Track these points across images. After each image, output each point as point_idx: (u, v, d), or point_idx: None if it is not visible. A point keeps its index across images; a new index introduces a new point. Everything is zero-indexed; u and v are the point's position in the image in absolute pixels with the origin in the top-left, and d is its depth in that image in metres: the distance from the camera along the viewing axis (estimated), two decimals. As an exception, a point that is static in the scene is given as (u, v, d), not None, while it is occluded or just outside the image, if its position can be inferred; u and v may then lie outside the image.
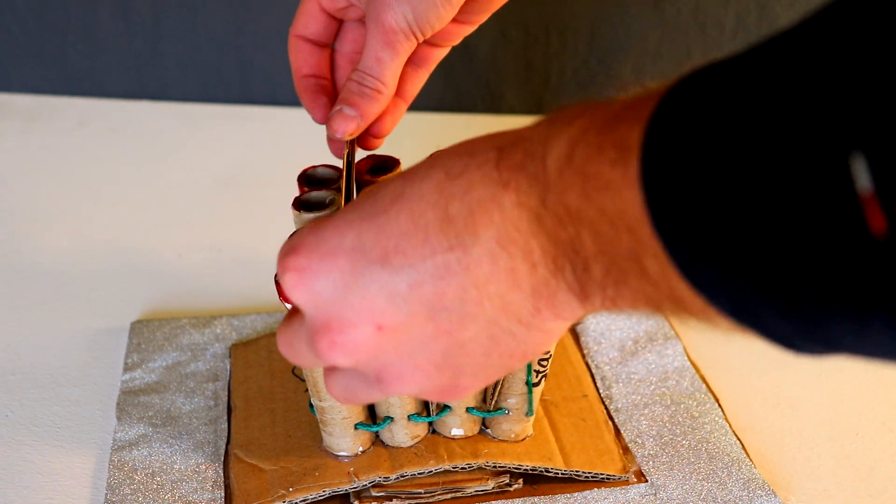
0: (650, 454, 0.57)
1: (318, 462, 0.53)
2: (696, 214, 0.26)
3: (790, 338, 0.26)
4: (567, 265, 0.31)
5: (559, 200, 0.30)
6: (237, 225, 0.79)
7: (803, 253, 0.24)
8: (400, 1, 0.48)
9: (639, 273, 0.29)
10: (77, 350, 0.65)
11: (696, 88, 0.27)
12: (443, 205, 0.32)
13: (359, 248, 0.33)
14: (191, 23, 0.94)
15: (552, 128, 0.31)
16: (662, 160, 0.27)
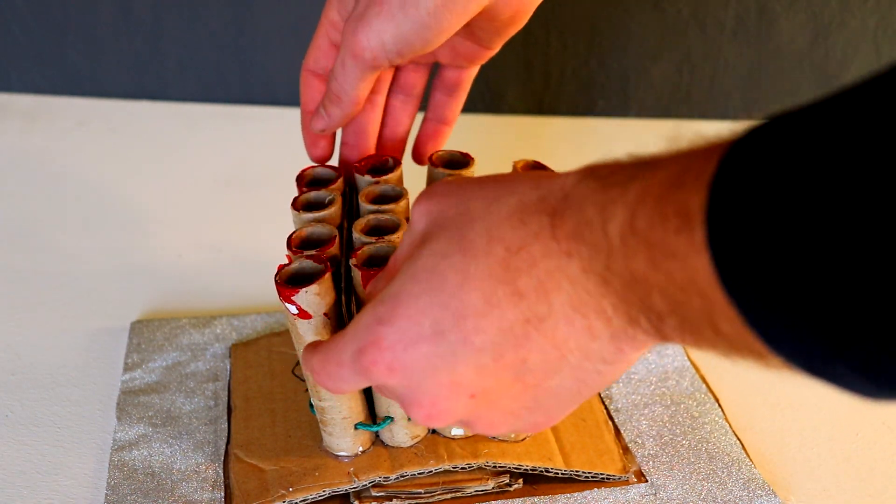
0: (650, 454, 0.57)
1: (318, 462, 0.53)
2: (767, 277, 0.25)
3: (868, 391, 0.26)
4: (641, 317, 0.31)
5: (625, 266, 0.30)
6: (237, 225, 0.79)
7: (877, 314, 0.23)
8: (381, 20, 0.48)
9: (714, 330, 0.29)
10: (77, 350, 0.65)
11: (756, 147, 0.26)
12: (511, 280, 0.33)
13: (438, 332, 0.34)
14: (191, 23, 0.94)
15: (606, 193, 0.31)
16: (728, 226, 0.26)
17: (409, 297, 0.35)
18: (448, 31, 0.48)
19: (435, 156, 0.54)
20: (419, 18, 0.47)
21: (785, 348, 0.26)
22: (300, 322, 0.46)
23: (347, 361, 0.37)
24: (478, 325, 0.34)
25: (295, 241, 0.49)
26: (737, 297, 0.26)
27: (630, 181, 0.31)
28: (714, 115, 0.98)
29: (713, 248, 0.27)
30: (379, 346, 0.36)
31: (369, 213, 0.51)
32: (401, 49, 0.48)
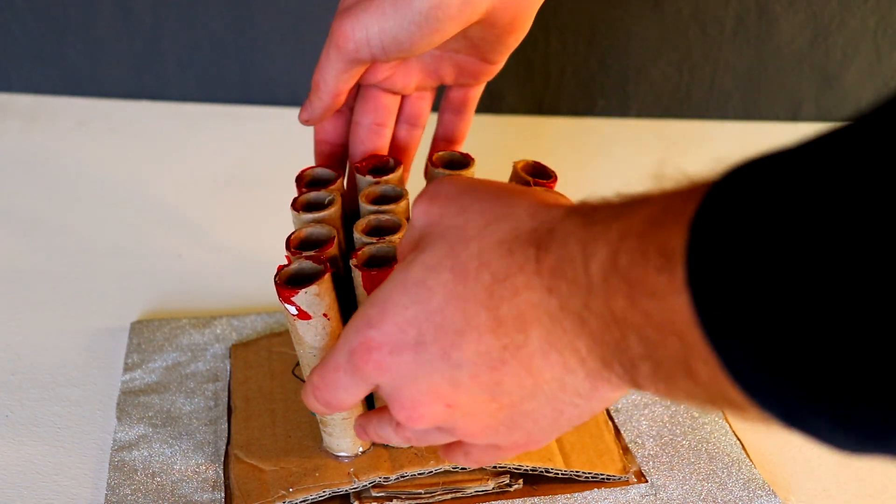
0: (650, 454, 0.57)
1: (319, 462, 0.53)
2: (745, 320, 0.25)
3: (845, 445, 0.25)
4: (615, 363, 0.31)
5: (604, 305, 0.30)
6: (237, 225, 0.79)
7: (858, 364, 0.23)
8: (369, 14, 0.48)
9: (688, 376, 0.28)
10: (77, 350, 0.65)
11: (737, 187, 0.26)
12: (493, 306, 0.34)
13: (421, 343, 0.35)
14: (191, 23, 0.94)
15: (590, 230, 0.31)
16: (708, 266, 0.26)
17: (396, 305, 0.36)
18: (441, 33, 0.48)
19: (435, 156, 0.54)
20: (411, 17, 0.47)
21: (761, 396, 0.26)
22: (300, 323, 0.46)
23: (343, 364, 0.38)
24: (456, 342, 0.35)
25: (294, 242, 0.49)
26: (714, 338, 0.26)
27: (614, 219, 0.31)
28: (714, 115, 0.98)
29: (693, 287, 0.26)
30: (368, 347, 0.37)
31: (369, 213, 0.51)
32: (387, 45, 0.48)
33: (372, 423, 0.44)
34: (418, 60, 0.54)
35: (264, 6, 0.93)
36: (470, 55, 0.53)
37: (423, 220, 0.38)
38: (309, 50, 0.94)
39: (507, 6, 0.49)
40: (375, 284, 0.46)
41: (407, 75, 0.54)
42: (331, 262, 0.47)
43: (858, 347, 0.23)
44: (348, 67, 0.50)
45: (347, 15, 0.49)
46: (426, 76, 0.55)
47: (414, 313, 0.36)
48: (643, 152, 0.93)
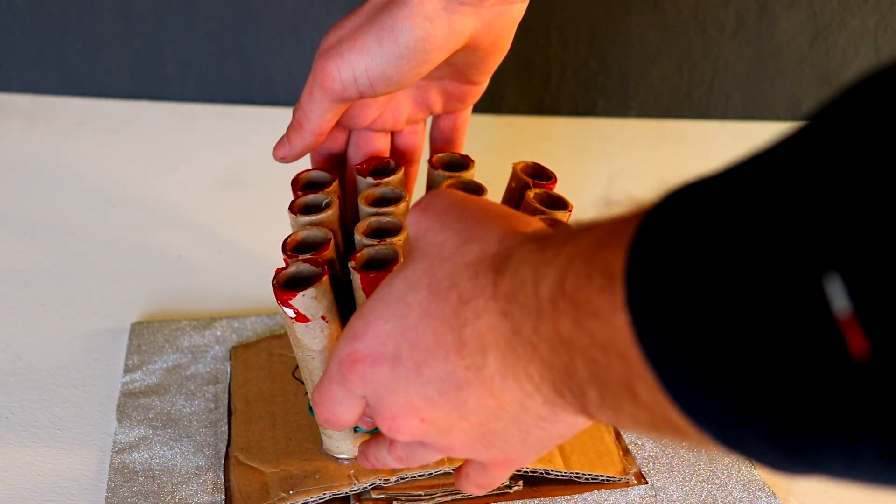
0: (650, 456, 0.57)
1: (319, 465, 0.53)
2: (680, 339, 0.25)
3: (779, 464, 0.26)
4: (565, 390, 0.32)
5: (552, 328, 0.31)
6: (237, 226, 0.79)
7: (786, 379, 0.23)
8: (353, 53, 0.48)
9: (632, 399, 0.29)
10: (77, 351, 0.65)
11: (672, 211, 0.27)
12: (458, 327, 0.34)
13: (397, 357, 0.36)
14: (191, 23, 0.94)
15: (542, 254, 0.32)
16: (645, 285, 0.26)
17: (379, 318, 0.37)
18: (428, 64, 0.48)
19: (435, 158, 0.54)
20: (398, 52, 0.47)
21: (698, 414, 0.26)
22: (298, 326, 0.46)
23: (335, 376, 0.39)
24: (427, 359, 0.35)
25: (290, 245, 0.49)
26: (651, 356, 0.26)
27: (564, 243, 0.31)
28: (714, 115, 0.98)
29: (631, 306, 0.27)
30: (354, 359, 0.38)
31: (369, 215, 0.50)
32: (374, 82, 0.48)
33: (370, 448, 0.45)
34: (406, 94, 0.54)
35: (264, 6, 0.93)
36: (454, 80, 0.53)
37: (413, 231, 0.39)
38: (309, 50, 0.94)
39: (489, 29, 0.49)
40: (375, 287, 0.45)
41: (397, 111, 0.55)
42: (328, 264, 0.47)
43: (788, 364, 0.23)
44: (332, 106, 0.50)
45: (331, 55, 0.49)
46: (415, 108, 0.55)
47: (393, 327, 0.36)
48: (643, 152, 0.93)
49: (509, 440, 0.37)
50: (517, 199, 0.53)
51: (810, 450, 0.24)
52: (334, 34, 0.49)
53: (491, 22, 0.49)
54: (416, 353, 0.36)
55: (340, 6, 0.92)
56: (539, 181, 0.52)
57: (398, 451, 0.42)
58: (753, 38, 0.94)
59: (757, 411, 0.24)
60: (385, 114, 0.54)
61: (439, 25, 0.47)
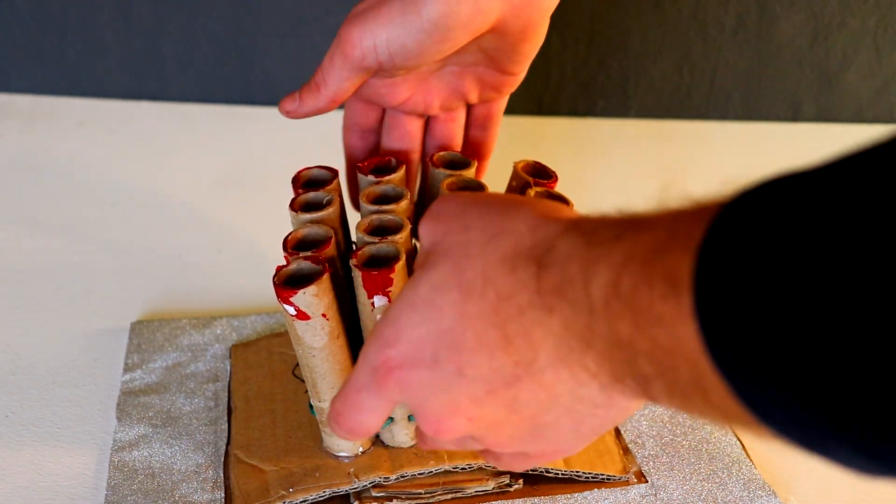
0: (650, 454, 0.57)
1: (319, 463, 0.53)
2: (755, 349, 0.24)
3: (866, 470, 0.25)
4: (628, 378, 0.31)
5: (609, 329, 0.30)
6: (237, 225, 0.79)
7: (870, 392, 0.22)
8: (377, 23, 0.48)
9: (703, 397, 0.28)
10: (77, 350, 0.65)
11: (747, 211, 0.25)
12: (501, 325, 0.33)
13: (436, 361, 0.35)
14: (191, 23, 0.94)
15: (590, 251, 0.31)
16: (716, 294, 0.25)
17: (409, 324, 0.36)
18: (450, 42, 0.48)
19: (436, 157, 0.54)
20: (420, 25, 0.47)
21: (778, 425, 0.25)
22: (298, 323, 0.46)
23: (364, 384, 0.38)
24: (470, 360, 0.35)
25: (291, 243, 0.49)
26: (724, 367, 0.25)
27: (615, 241, 0.30)
28: (714, 115, 0.98)
29: (700, 316, 0.26)
30: (389, 366, 0.37)
31: (370, 213, 0.50)
32: (394, 53, 0.48)
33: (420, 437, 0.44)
34: (439, 79, 0.54)
35: (264, 6, 0.93)
36: (489, 68, 0.53)
37: (429, 240, 0.38)
38: (309, 50, 0.94)
39: (518, 14, 0.49)
40: (376, 284, 0.46)
41: (428, 94, 0.54)
42: (329, 262, 0.47)
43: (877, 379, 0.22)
44: (352, 74, 0.50)
45: (355, 22, 0.49)
46: (449, 95, 0.55)
47: (426, 332, 0.36)
48: (643, 152, 0.93)
49: (560, 431, 0.36)
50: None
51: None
52: (363, 3, 0.49)
53: (520, 7, 0.49)
54: (457, 356, 0.35)
55: (340, 6, 0.92)
56: (540, 180, 0.52)
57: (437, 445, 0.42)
58: (753, 38, 0.94)
59: (843, 428, 0.23)
60: (416, 95, 0.54)
61: (464, 3, 0.47)
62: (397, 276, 0.46)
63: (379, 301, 0.46)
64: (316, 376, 0.49)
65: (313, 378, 0.50)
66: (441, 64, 0.53)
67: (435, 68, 0.53)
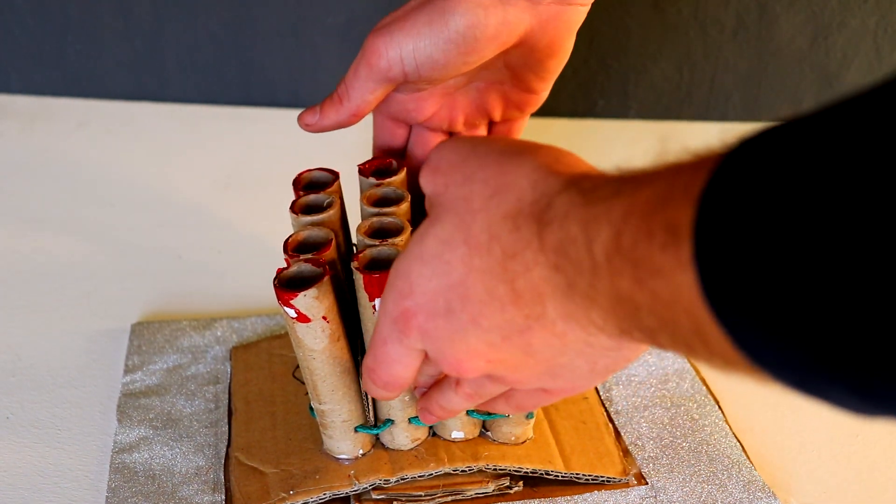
0: (650, 456, 0.57)
1: (319, 465, 0.53)
2: (753, 297, 0.24)
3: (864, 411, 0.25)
4: (634, 330, 0.31)
5: (610, 286, 0.30)
6: (237, 226, 0.79)
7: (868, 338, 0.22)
8: (403, 34, 0.48)
9: (704, 345, 0.28)
10: (77, 352, 0.65)
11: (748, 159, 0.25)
12: (509, 280, 0.34)
13: (451, 311, 0.36)
14: (191, 23, 0.94)
15: (590, 209, 0.31)
16: (716, 241, 0.25)
17: (420, 277, 0.37)
18: (477, 54, 0.48)
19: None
20: (447, 36, 0.47)
21: (774, 369, 0.26)
22: (299, 326, 0.46)
23: (388, 335, 0.39)
24: (482, 311, 0.35)
25: (291, 245, 0.49)
26: (722, 316, 0.26)
27: (615, 197, 0.30)
28: (714, 116, 0.98)
29: (699, 263, 0.26)
30: (406, 316, 0.38)
31: (371, 215, 0.50)
32: (420, 64, 0.48)
33: (433, 399, 0.45)
34: (464, 95, 0.54)
35: (264, 6, 0.93)
36: (514, 86, 0.53)
37: (430, 190, 0.39)
38: (309, 50, 0.94)
39: (545, 28, 0.49)
40: (377, 287, 0.46)
41: (453, 110, 0.54)
42: (330, 264, 0.47)
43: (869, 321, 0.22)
44: (376, 86, 0.50)
45: (381, 33, 0.49)
46: (473, 111, 0.55)
47: (437, 285, 0.37)
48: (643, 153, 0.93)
49: (576, 370, 0.37)
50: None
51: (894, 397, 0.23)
52: (390, 16, 0.49)
53: (547, 21, 0.49)
54: (470, 307, 0.36)
55: (340, 7, 0.92)
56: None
57: (465, 388, 0.42)
58: (753, 38, 0.94)
59: (838, 370, 0.23)
60: (442, 111, 0.54)
61: (492, 15, 0.47)
62: (398, 279, 0.46)
63: (379, 304, 0.46)
64: (316, 378, 0.49)
65: (313, 380, 0.50)
66: (467, 80, 0.53)
67: (461, 84, 0.53)
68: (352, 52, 0.51)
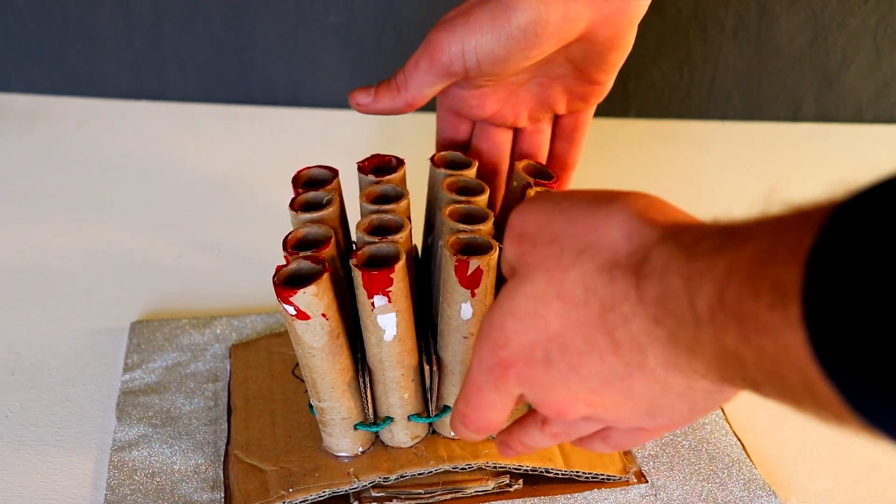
0: (650, 454, 0.57)
1: (319, 462, 0.53)
2: (865, 357, 0.24)
3: None
4: (737, 379, 0.31)
5: (715, 340, 0.30)
6: (237, 225, 0.79)
7: None
8: (466, 28, 0.48)
9: (814, 403, 0.28)
10: (77, 350, 0.65)
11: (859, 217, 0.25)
12: (608, 332, 0.34)
13: (549, 360, 0.37)
14: (191, 23, 0.94)
15: (692, 264, 0.31)
16: (826, 301, 0.25)
17: (515, 332, 0.37)
18: (538, 49, 0.48)
19: (437, 157, 0.54)
20: (509, 32, 0.48)
21: (888, 429, 0.25)
22: (298, 323, 0.46)
23: (484, 384, 0.39)
24: (582, 361, 0.36)
25: (291, 242, 0.49)
26: (834, 376, 0.25)
27: (717, 252, 0.30)
28: (714, 116, 0.98)
29: (809, 323, 0.25)
30: (504, 365, 0.38)
31: (370, 212, 0.50)
32: (482, 59, 0.49)
33: (514, 435, 0.45)
34: (527, 90, 0.54)
35: (264, 6, 0.93)
36: (577, 78, 0.53)
37: (515, 252, 0.38)
38: (309, 50, 0.94)
39: (606, 22, 0.49)
40: (375, 285, 0.46)
41: (517, 105, 0.54)
42: (329, 262, 0.47)
43: None
44: (436, 80, 0.50)
45: (444, 28, 0.49)
46: (537, 106, 0.55)
47: (535, 337, 0.37)
48: (643, 153, 0.93)
49: (676, 411, 0.37)
50: (518, 198, 0.53)
51: None
52: (453, 11, 0.50)
53: (609, 15, 0.49)
54: (569, 357, 0.36)
55: (340, 7, 0.92)
56: (540, 180, 0.52)
57: (554, 428, 0.42)
58: (753, 38, 0.94)
59: None
60: (505, 107, 0.54)
61: (554, 11, 0.48)
62: (397, 276, 0.46)
63: (379, 301, 0.46)
64: (315, 376, 0.49)
65: (313, 378, 0.50)
66: (529, 76, 0.53)
67: (523, 80, 0.53)
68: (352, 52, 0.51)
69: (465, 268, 0.46)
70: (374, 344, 0.49)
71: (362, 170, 0.53)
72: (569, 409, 0.37)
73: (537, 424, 0.43)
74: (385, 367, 0.50)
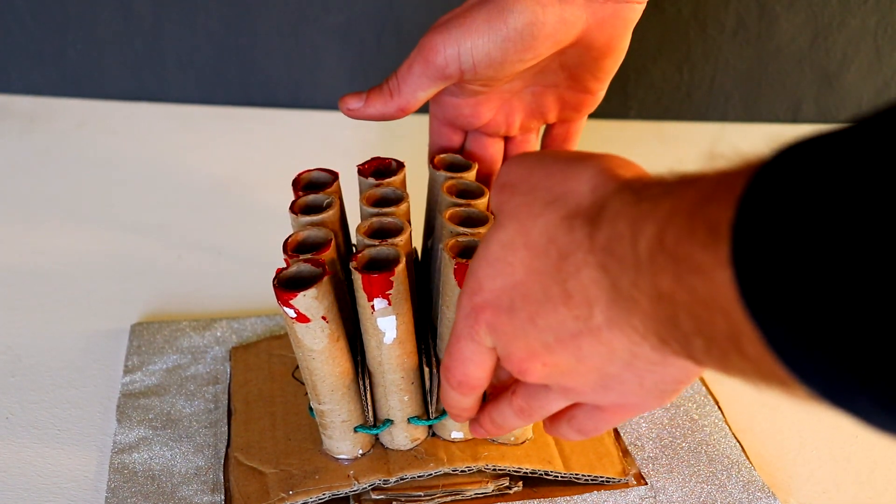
0: (650, 457, 0.57)
1: (318, 465, 0.53)
2: (788, 298, 0.24)
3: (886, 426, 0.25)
4: (671, 339, 0.32)
5: (651, 283, 0.30)
6: (237, 227, 0.79)
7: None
8: (462, 31, 0.48)
9: (738, 352, 0.28)
10: (77, 352, 0.65)
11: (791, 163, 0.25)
12: (561, 281, 0.35)
13: (513, 309, 0.38)
14: (191, 23, 0.94)
15: (639, 207, 0.31)
16: (753, 241, 0.25)
17: (486, 278, 0.38)
18: (534, 52, 0.48)
19: (437, 159, 0.54)
20: (505, 34, 0.48)
21: (805, 374, 0.26)
22: (298, 326, 0.46)
23: (461, 331, 0.41)
24: (539, 311, 0.36)
25: (291, 245, 0.49)
26: (757, 316, 0.26)
27: (663, 196, 0.31)
28: (714, 116, 0.98)
29: (736, 263, 0.26)
30: (477, 310, 0.39)
31: (370, 215, 0.51)
32: (478, 62, 0.48)
33: (486, 412, 0.46)
34: (520, 99, 0.54)
35: (264, 7, 0.93)
36: (570, 87, 0.53)
37: (496, 201, 0.40)
38: (309, 51, 0.94)
39: (601, 26, 0.49)
40: (375, 287, 0.46)
41: (510, 115, 0.55)
42: (329, 265, 0.47)
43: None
44: (430, 84, 0.50)
45: (439, 30, 0.49)
46: (529, 115, 0.55)
47: (502, 283, 0.38)
48: (643, 153, 0.93)
49: (626, 383, 0.37)
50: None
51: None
52: (448, 14, 0.50)
53: (604, 19, 0.49)
54: (529, 305, 0.37)
55: (340, 7, 0.92)
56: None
57: (519, 400, 0.43)
58: (753, 38, 0.94)
59: (872, 379, 0.23)
60: (498, 117, 0.54)
61: (550, 13, 0.48)
62: (397, 279, 0.46)
63: (379, 304, 0.46)
64: (315, 379, 0.49)
65: (313, 380, 0.50)
66: (523, 84, 0.53)
67: (517, 88, 0.53)
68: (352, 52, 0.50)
69: (465, 271, 0.46)
70: (374, 347, 0.49)
71: (362, 173, 0.53)
72: (527, 364, 0.38)
73: (507, 399, 0.44)
74: (385, 370, 0.50)
